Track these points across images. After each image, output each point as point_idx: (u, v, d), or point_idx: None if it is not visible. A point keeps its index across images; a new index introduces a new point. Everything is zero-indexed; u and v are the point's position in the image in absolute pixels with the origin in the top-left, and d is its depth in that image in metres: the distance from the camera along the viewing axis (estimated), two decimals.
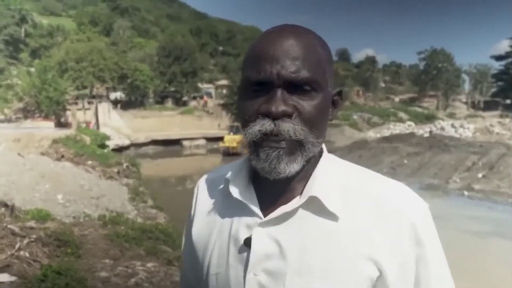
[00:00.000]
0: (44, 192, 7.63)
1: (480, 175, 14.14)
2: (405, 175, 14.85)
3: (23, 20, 51.00)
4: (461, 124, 32.34)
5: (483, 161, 15.95)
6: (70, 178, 9.09)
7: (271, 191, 0.72)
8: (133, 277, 4.33)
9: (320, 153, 0.74)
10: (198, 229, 0.81)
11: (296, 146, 0.66)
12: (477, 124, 33.33)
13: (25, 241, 4.59)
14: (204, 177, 0.88)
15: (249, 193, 0.73)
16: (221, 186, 0.78)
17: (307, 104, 0.66)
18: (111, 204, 8.36)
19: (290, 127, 0.65)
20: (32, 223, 5.42)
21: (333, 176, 0.71)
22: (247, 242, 0.70)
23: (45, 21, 57.59)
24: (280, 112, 0.64)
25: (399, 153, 18.51)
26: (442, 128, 31.20)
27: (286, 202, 0.70)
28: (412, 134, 25.57)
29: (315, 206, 0.68)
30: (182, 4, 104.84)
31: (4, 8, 49.47)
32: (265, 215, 0.70)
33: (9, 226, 4.97)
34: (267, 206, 0.71)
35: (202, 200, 0.83)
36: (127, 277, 4.34)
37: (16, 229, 4.89)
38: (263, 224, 0.70)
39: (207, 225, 0.79)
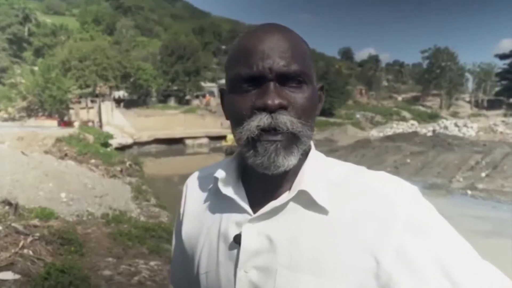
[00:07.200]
0: (48, 191, 7.65)
1: (483, 175, 14.08)
2: (409, 174, 14.82)
3: (26, 19, 51.21)
4: (465, 123, 32.19)
5: (486, 160, 15.88)
6: (74, 177, 9.11)
7: (261, 188, 0.72)
8: (136, 276, 4.35)
9: (308, 149, 0.74)
10: (188, 228, 0.81)
11: (292, 139, 0.66)
12: (480, 123, 33.20)
13: (29, 239, 4.61)
14: (193, 175, 0.88)
15: (239, 190, 0.73)
16: (210, 184, 0.78)
17: (299, 97, 0.67)
18: (114, 202, 8.38)
19: (288, 120, 0.65)
20: (35, 222, 5.44)
21: (321, 171, 0.71)
22: (237, 239, 0.70)
23: (48, 20, 57.80)
24: (276, 105, 0.64)
25: (402, 152, 18.47)
26: (446, 127, 31.06)
27: (275, 197, 0.70)
28: (415, 133, 25.50)
29: (305, 200, 0.68)
30: (185, 3, 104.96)
31: (8, 7, 49.66)
32: (254, 212, 0.70)
33: (13, 224, 4.99)
34: (256, 203, 0.71)
35: (191, 199, 0.84)
36: (130, 275, 4.35)
37: (20, 228, 4.91)
38: (252, 220, 0.69)
39: (196, 224, 0.79)
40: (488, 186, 12.76)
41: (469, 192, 12.50)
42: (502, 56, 65.61)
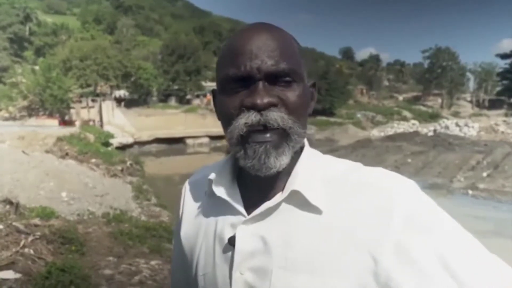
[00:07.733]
0: (48, 190, 7.66)
1: (484, 174, 14.07)
2: (409, 174, 14.79)
3: (27, 18, 51.24)
4: (466, 123, 32.20)
5: (487, 160, 15.88)
6: (74, 176, 9.12)
7: (255, 189, 0.71)
8: (137, 275, 4.35)
9: (301, 148, 0.73)
10: (186, 230, 0.82)
11: (282, 137, 0.66)
12: (481, 123, 33.20)
13: (30, 238, 4.61)
14: (191, 178, 0.88)
15: (233, 192, 0.73)
16: (206, 186, 0.77)
17: (290, 95, 0.66)
18: (115, 202, 8.38)
19: (278, 116, 0.64)
20: (36, 221, 5.45)
21: (315, 170, 0.70)
22: (232, 241, 0.70)
23: (49, 19, 57.83)
24: (265, 103, 0.63)
25: (403, 152, 18.47)
26: (447, 127, 31.06)
27: (269, 198, 0.70)
28: (416, 133, 25.51)
29: (298, 200, 0.67)
30: (185, 3, 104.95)
31: (9, 7, 49.70)
32: (249, 213, 0.70)
33: (14, 223, 5.00)
34: (251, 204, 0.71)
35: (189, 201, 0.84)
36: (131, 274, 4.35)
37: (21, 227, 4.92)
38: (246, 222, 0.69)
39: (194, 226, 0.80)
40: (489, 186, 12.74)
41: (470, 192, 12.48)
42: (503, 56, 65.50)
